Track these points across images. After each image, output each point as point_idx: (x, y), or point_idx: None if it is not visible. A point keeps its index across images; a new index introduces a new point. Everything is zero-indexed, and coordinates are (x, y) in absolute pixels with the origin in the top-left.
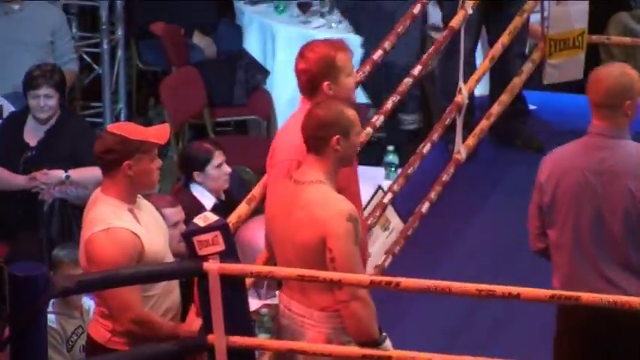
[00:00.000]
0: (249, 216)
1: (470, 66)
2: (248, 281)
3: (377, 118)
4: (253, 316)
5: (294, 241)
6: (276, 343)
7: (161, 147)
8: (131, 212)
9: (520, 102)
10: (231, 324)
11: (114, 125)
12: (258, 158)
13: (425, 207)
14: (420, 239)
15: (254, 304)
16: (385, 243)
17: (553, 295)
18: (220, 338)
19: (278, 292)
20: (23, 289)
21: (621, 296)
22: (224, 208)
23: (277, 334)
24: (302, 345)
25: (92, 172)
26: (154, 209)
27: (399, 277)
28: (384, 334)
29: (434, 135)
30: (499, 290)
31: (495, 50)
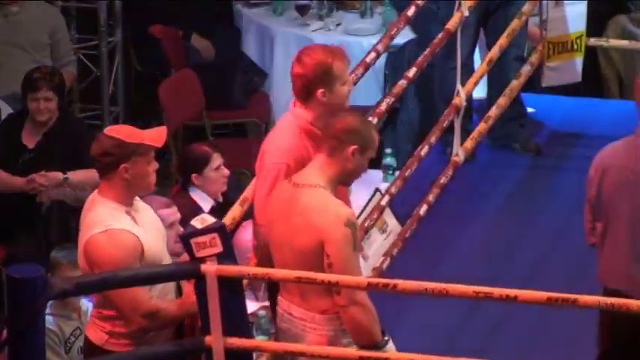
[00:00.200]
0: (242, 217)
1: (468, 69)
2: (245, 284)
3: (371, 120)
4: (251, 318)
5: (292, 246)
6: (273, 345)
7: (158, 149)
8: (129, 214)
9: (518, 105)
10: (228, 326)
11: (111, 128)
12: (256, 161)
13: (423, 209)
14: (418, 242)
15: (252, 306)
16: (383, 245)
17: (550, 298)
18: (218, 340)
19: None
20: (21, 291)
21: (620, 299)
22: (222, 211)
23: (277, 338)
24: (299, 347)
25: (91, 175)
26: (151, 210)
27: (397, 280)
28: (387, 338)
29: (432, 137)
30: (496, 292)
31: (493, 53)
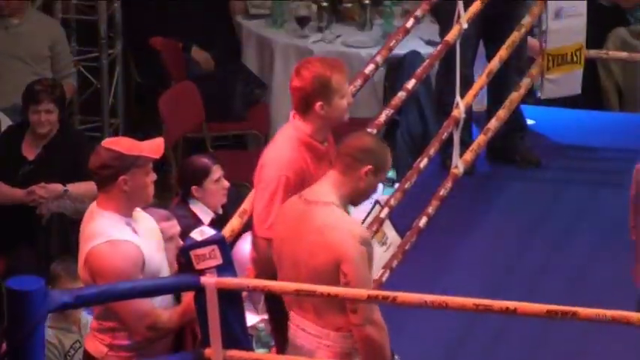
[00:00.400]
0: (241, 229)
1: (467, 80)
2: (245, 296)
3: (370, 132)
4: (251, 331)
5: (307, 264)
6: (273, 358)
7: (156, 161)
8: (129, 225)
9: (518, 117)
10: (228, 338)
11: (109, 140)
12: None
13: (422, 222)
14: (418, 254)
15: (252, 319)
16: (383, 257)
17: (550, 310)
18: (218, 352)
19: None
20: (21, 303)
21: (620, 312)
22: (222, 223)
23: (290, 354)
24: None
25: (91, 187)
26: (152, 221)
27: (397, 292)
28: (396, 358)
29: (431, 150)
30: (496, 305)
31: (493, 65)
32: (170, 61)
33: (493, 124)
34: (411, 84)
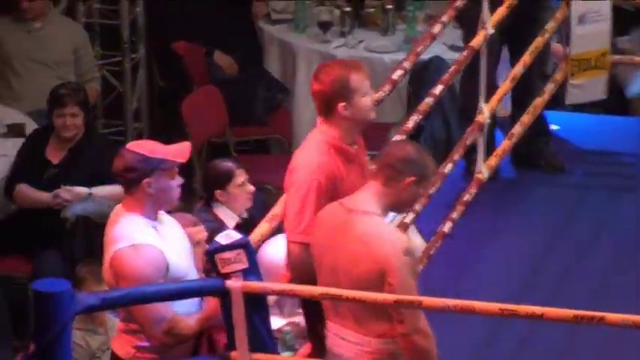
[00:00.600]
0: (270, 234)
1: (491, 86)
2: (271, 299)
3: (397, 138)
4: (276, 334)
5: (348, 273)
6: None
7: (182, 165)
8: (154, 228)
9: (542, 122)
10: (254, 342)
11: (134, 143)
12: (280, 176)
13: (447, 227)
14: (443, 259)
15: (277, 322)
16: None
17: (576, 316)
18: (243, 355)
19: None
20: (48, 306)
21: None
22: (247, 227)
23: None
24: None
25: (115, 190)
26: (177, 225)
27: (422, 297)
28: None
29: (455, 155)
30: (522, 310)
31: (517, 70)
32: (193, 66)
33: (517, 130)
34: (438, 89)
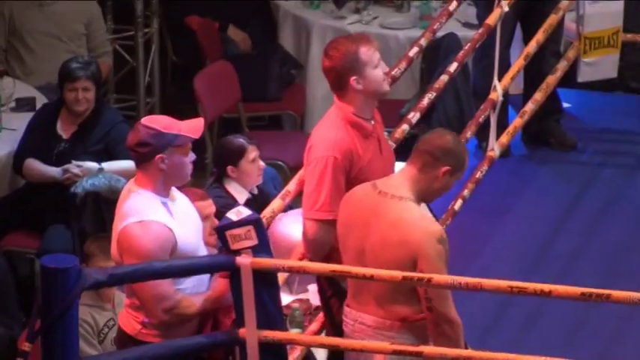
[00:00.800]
0: (282, 211)
1: (504, 64)
2: (282, 277)
3: (413, 115)
4: (285, 311)
5: (378, 257)
6: (307, 338)
7: (195, 140)
8: (165, 205)
9: (554, 100)
10: (262, 318)
11: (148, 118)
12: (292, 153)
13: (458, 204)
14: (453, 236)
15: (285, 299)
16: None
17: (584, 293)
18: (252, 333)
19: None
20: (55, 281)
21: None
22: (257, 203)
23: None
24: (337, 340)
25: (126, 165)
26: (188, 202)
27: (431, 274)
28: (469, 349)
29: (467, 132)
30: (531, 287)
31: (530, 48)
32: (206, 41)
33: (529, 107)
34: (453, 67)
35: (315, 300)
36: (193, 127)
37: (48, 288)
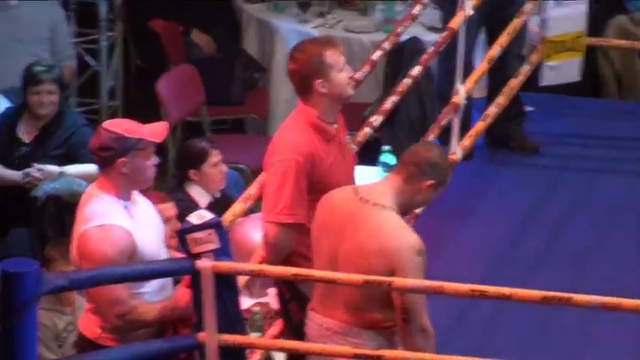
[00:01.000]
0: (244, 214)
1: (468, 67)
2: (242, 280)
3: (375, 118)
4: (245, 315)
5: (354, 264)
6: (267, 342)
7: (158, 145)
8: (126, 209)
9: (517, 104)
10: (223, 322)
11: (111, 122)
12: (255, 157)
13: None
14: None
15: (246, 303)
16: None
17: (545, 297)
18: (212, 336)
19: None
20: (15, 285)
21: (612, 298)
22: (219, 207)
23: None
24: (297, 344)
25: (87, 169)
26: (150, 205)
27: (393, 277)
28: None
29: (430, 135)
30: (492, 291)
31: (494, 52)
32: (170, 44)
33: (492, 111)
34: (416, 71)
35: (275, 303)
36: (156, 131)
37: (7, 292)
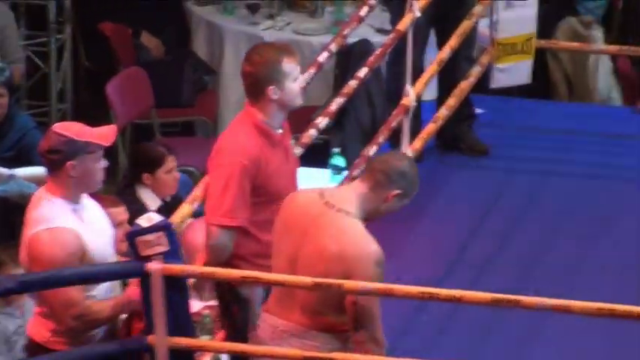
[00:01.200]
0: (191, 216)
1: (418, 69)
2: (191, 283)
3: (321, 120)
4: (195, 318)
5: (313, 268)
6: (217, 345)
7: (107, 148)
8: (75, 212)
9: (467, 106)
10: (172, 325)
11: (60, 125)
12: (205, 159)
13: None
14: None
15: (196, 306)
16: None
17: (494, 299)
18: (161, 339)
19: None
20: None
21: (561, 300)
22: (169, 210)
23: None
24: (242, 347)
25: (37, 171)
26: (99, 209)
27: (343, 280)
28: None
29: (380, 137)
30: (442, 293)
31: (443, 54)
32: (119, 47)
33: (443, 113)
34: (363, 72)
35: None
36: (105, 135)
37: None
